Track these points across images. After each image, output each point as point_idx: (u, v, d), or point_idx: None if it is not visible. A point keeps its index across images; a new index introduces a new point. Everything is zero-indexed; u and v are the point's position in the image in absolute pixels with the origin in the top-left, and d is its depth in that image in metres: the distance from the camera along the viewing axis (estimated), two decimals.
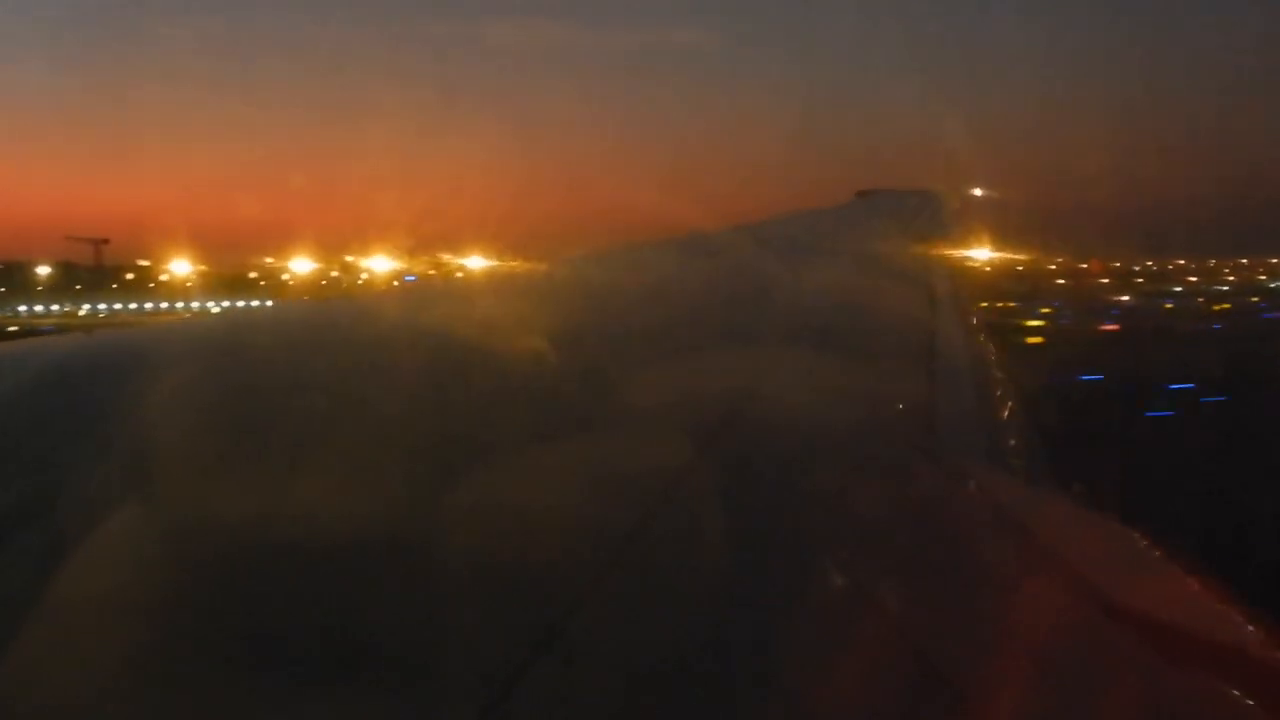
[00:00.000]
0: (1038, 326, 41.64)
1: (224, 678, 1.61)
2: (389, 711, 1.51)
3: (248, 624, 1.79)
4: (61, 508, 2.25)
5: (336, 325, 5.14)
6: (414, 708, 1.52)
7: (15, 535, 2.16)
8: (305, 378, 3.64)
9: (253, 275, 62.13)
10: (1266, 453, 18.80)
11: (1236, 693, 1.75)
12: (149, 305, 60.84)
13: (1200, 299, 55.99)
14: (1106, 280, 56.59)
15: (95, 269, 77.98)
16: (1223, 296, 57.48)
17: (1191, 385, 27.51)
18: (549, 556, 2.07)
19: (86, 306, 64.98)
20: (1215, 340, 40.47)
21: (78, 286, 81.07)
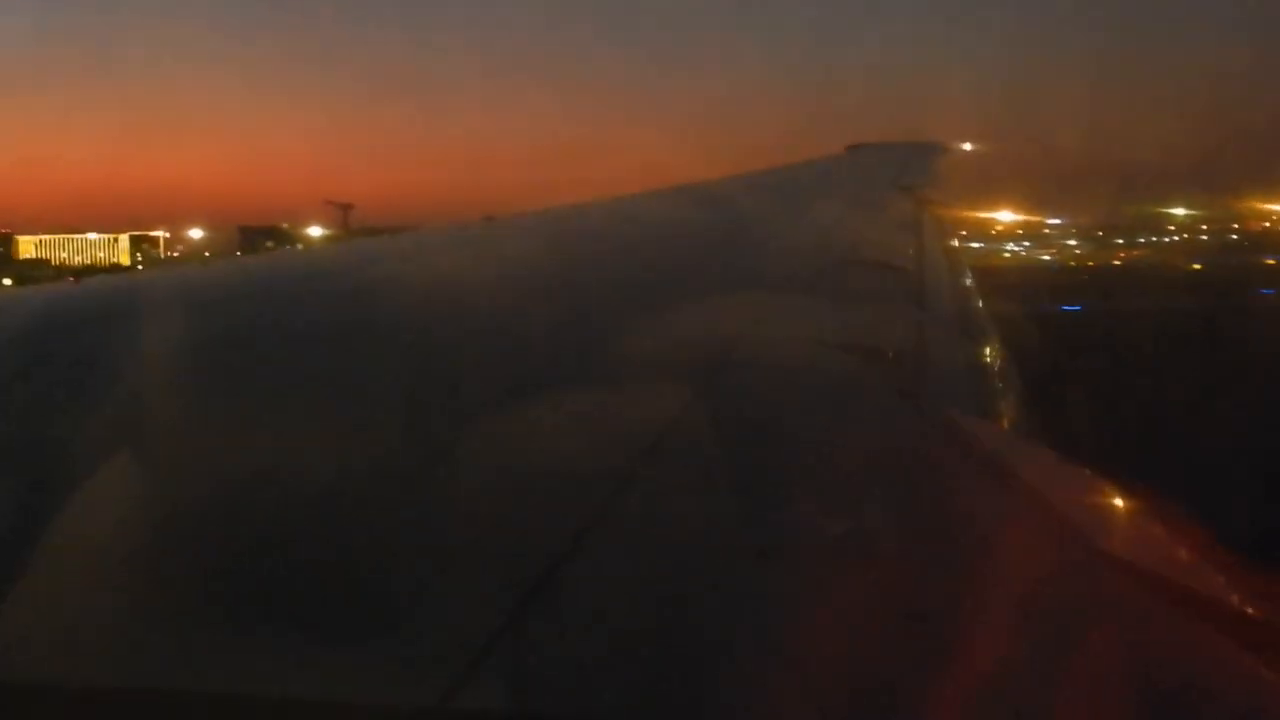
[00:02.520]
0: None
1: (217, 623, 1.61)
2: (380, 658, 1.51)
3: (244, 568, 1.79)
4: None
5: (333, 276, 5.12)
6: (404, 654, 1.52)
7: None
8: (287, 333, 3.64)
9: None
10: None
11: (1221, 636, 1.77)
12: None
13: None
14: None
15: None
16: None
17: None
18: (535, 505, 2.07)
19: None
20: None
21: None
